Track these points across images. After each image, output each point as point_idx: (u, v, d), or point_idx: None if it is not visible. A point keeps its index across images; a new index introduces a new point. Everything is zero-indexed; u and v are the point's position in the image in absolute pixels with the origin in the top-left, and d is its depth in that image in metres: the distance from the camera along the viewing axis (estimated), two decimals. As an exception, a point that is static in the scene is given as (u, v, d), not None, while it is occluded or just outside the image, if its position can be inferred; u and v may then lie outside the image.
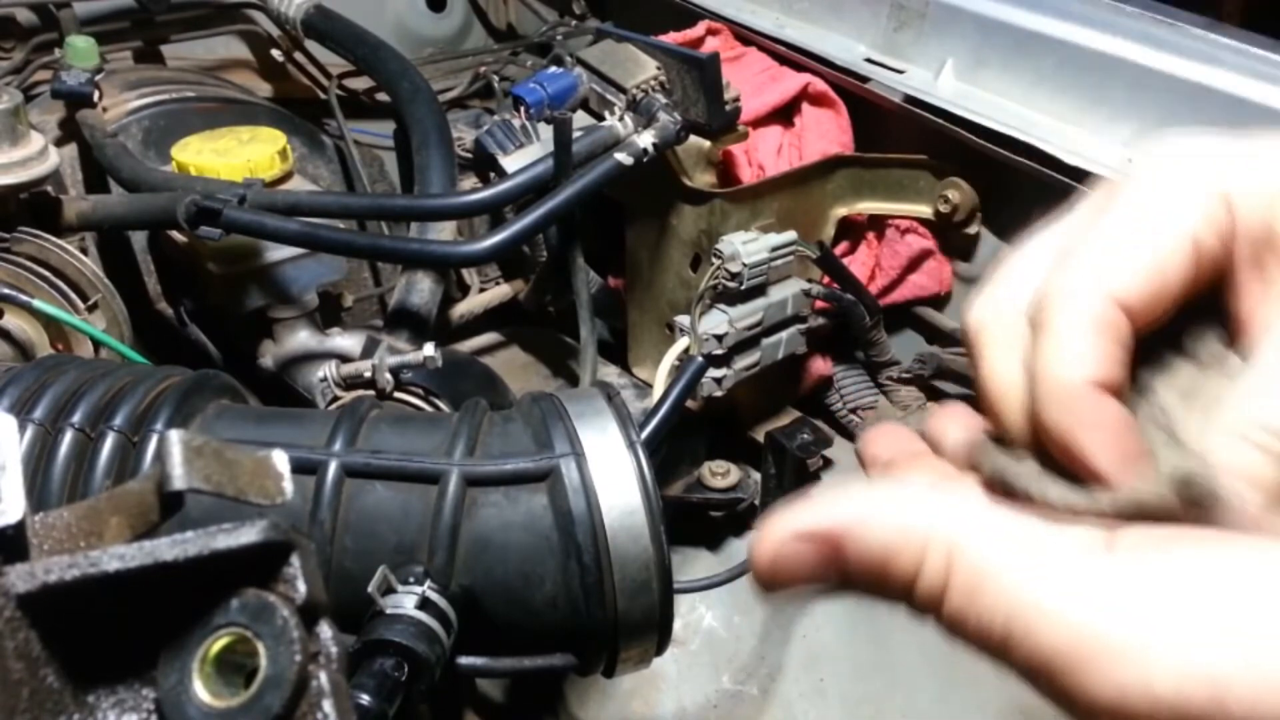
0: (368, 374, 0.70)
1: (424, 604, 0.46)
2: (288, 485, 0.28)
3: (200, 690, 0.23)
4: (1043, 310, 0.26)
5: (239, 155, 0.84)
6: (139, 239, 0.97)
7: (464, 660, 0.51)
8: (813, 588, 0.28)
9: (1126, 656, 0.22)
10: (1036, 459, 0.27)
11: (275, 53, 1.21)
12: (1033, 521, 0.26)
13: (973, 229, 0.89)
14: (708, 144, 0.82)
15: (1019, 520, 0.26)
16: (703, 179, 0.84)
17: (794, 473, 0.86)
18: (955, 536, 0.25)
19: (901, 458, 0.33)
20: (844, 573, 0.27)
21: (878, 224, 0.94)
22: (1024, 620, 0.24)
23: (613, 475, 0.50)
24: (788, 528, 0.28)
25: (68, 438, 0.50)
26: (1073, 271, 0.26)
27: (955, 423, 0.32)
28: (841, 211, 0.92)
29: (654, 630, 0.52)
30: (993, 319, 0.28)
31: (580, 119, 0.83)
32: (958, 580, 0.25)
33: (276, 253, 0.85)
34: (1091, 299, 0.25)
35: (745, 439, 0.90)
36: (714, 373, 0.79)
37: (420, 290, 0.86)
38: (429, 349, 0.68)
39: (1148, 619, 0.22)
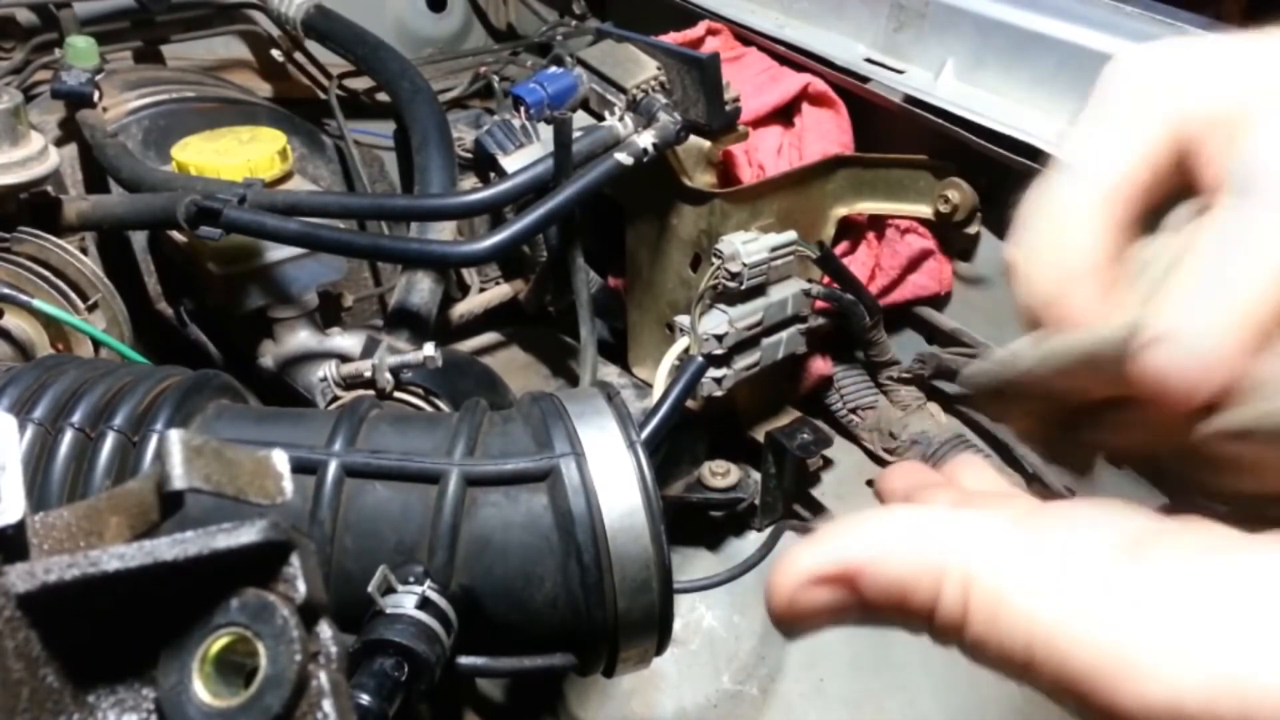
0: (368, 374, 0.70)
1: (424, 604, 0.46)
2: (288, 485, 0.28)
3: (200, 690, 0.23)
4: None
5: (239, 155, 0.84)
6: (139, 239, 0.97)
7: (464, 660, 0.51)
8: (834, 623, 0.28)
9: (1152, 671, 0.22)
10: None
11: (275, 53, 1.21)
12: (1051, 538, 0.25)
13: (973, 229, 0.89)
14: (708, 144, 0.82)
15: (1036, 538, 0.25)
16: (703, 179, 0.84)
17: (794, 473, 0.86)
18: (970, 561, 0.25)
19: (918, 490, 0.33)
20: (863, 608, 0.27)
21: (878, 224, 0.94)
22: (1045, 640, 0.23)
23: (613, 475, 0.50)
24: (801, 569, 0.27)
25: (68, 438, 0.50)
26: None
27: (972, 469, 0.33)
28: (841, 211, 0.92)
29: (654, 630, 0.52)
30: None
31: (580, 119, 0.83)
32: (976, 606, 0.25)
33: (276, 253, 0.85)
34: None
35: (745, 439, 0.90)
36: (714, 373, 0.79)
37: (420, 290, 0.86)
38: (429, 349, 0.68)
39: (1171, 631, 0.22)
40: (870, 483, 0.93)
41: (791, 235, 0.81)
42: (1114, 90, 0.29)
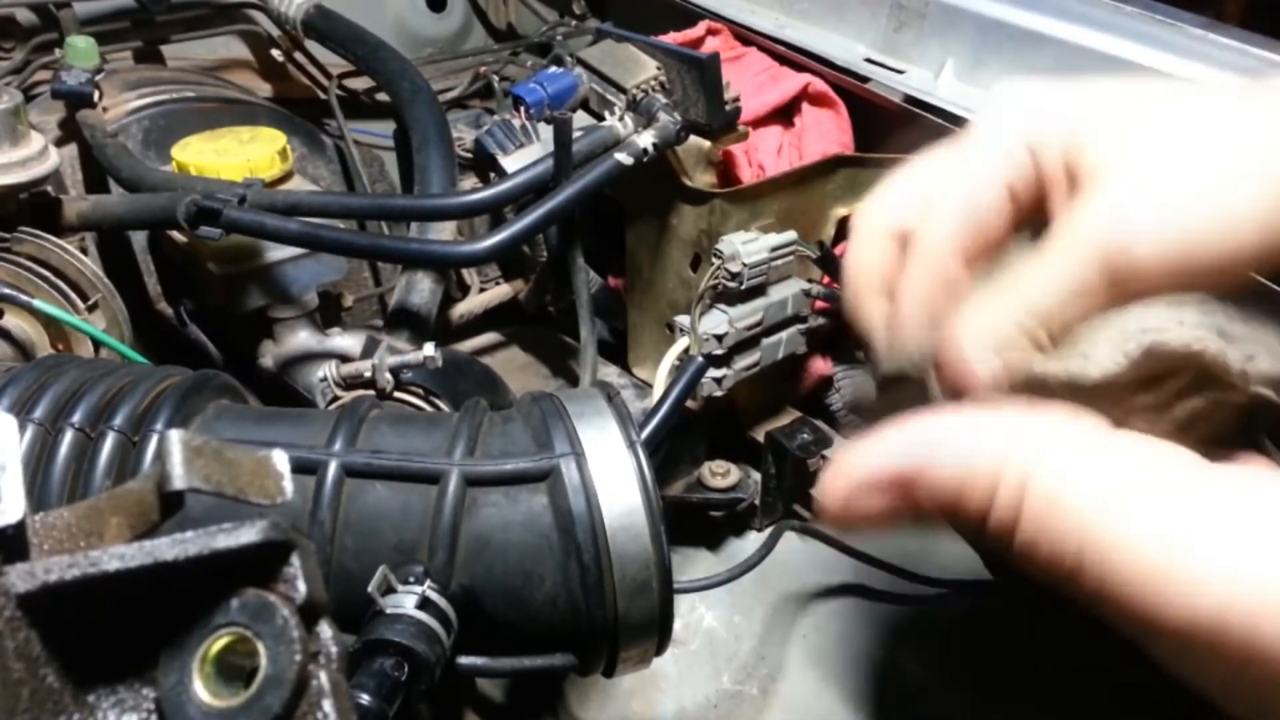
0: (368, 374, 0.70)
1: (424, 604, 0.46)
2: (288, 485, 0.28)
3: (200, 690, 0.23)
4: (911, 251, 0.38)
5: (239, 155, 0.84)
6: (139, 239, 0.97)
7: (464, 660, 0.51)
8: (889, 526, 0.28)
9: (1202, 583, 0.22)
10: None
11: (275, 53, 1.21)
12: (1122, 446, 0.25)
13: (973, 229, 0.89)
14: (708, 144, 0.82)
15: (1107, 444, 0.25)
16: (703, 179, 0.84)
17: (794, 473, 0.86)
18: (1029, 464, 0.25)
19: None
20: (918, 509, 0.27)
21: (878, 224, 0.94)
22: (1097, 543, 0.23)
23: (613, 475, 0.50)
24: (858, 472, 0.28)
25: (68, 438, 0.50)
26: (926, 227, 0.38)
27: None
28: (841, 211, 0.92)
29: (654, 630, 0.52)
30: (867, 227, 0.40)
31: (580, 119, 0.83)
32: (1030, 509, 0.25)
33: (276, 253, 0.85)
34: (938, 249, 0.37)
35: (745, 439, 0.90)
36: (714, 373, 0.79)
37: (420, 290, 0.86)
38: (429, 349, 0.68)
39: (1228, 547, 0.22)
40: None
41: (791, 235, 0.81)
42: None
